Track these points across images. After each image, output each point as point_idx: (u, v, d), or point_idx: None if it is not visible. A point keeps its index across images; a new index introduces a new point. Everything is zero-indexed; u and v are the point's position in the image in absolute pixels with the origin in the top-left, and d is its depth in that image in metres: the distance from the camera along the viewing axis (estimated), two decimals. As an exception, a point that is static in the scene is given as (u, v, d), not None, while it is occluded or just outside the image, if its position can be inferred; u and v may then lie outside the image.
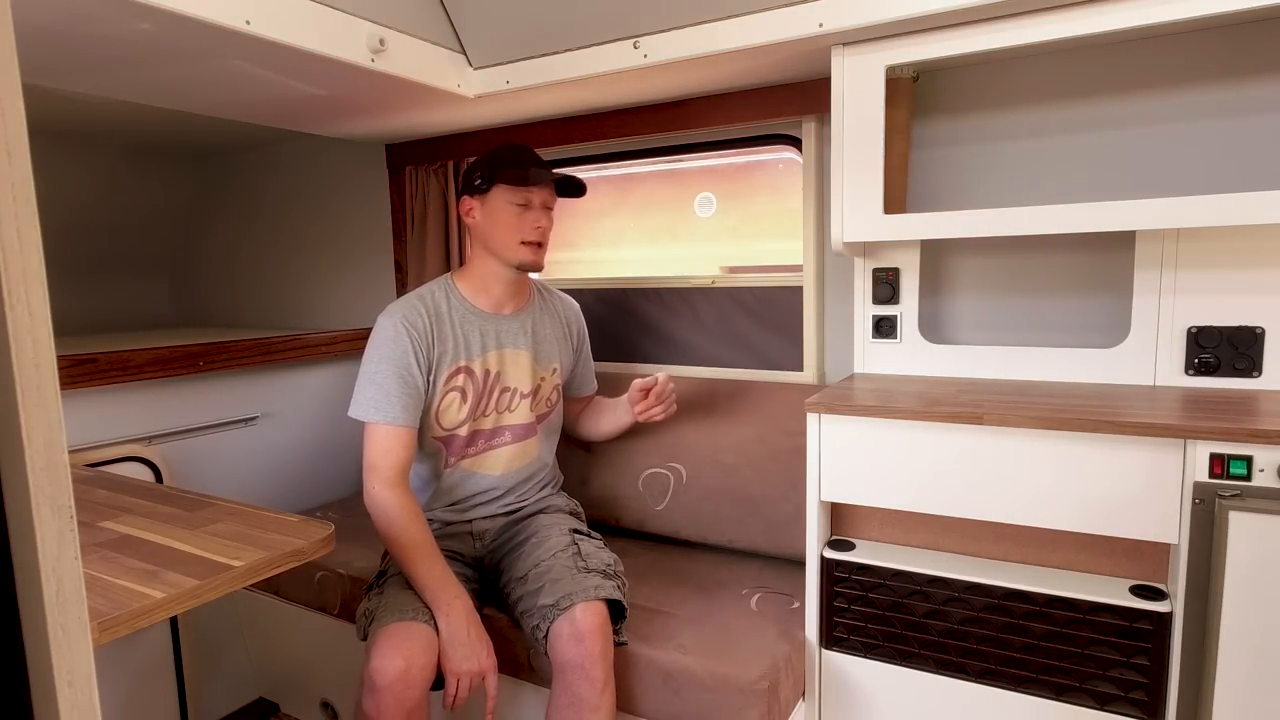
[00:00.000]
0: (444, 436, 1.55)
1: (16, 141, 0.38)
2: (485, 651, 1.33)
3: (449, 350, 1.52)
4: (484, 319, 1.57)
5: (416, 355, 1.47)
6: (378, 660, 1.25)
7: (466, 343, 1.54)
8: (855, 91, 1.46)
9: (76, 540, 0.42)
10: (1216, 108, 1.38)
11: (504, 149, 1.55)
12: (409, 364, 1.46)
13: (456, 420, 1.54)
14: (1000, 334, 1.61)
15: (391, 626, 1.29)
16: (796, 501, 1.68)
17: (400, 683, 1.24)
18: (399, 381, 1.44)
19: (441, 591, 1.34)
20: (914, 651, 1.39)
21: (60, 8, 1.19)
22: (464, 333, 1.54)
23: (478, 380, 1.55)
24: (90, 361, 1.70)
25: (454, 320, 1.54)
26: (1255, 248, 1.35)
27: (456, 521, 1.60)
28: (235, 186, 2.83)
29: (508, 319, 1.60)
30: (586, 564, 1.41)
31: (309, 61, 1.46)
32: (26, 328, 0.39)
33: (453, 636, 1.31)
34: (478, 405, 1.56)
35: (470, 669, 1.30)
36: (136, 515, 1.13)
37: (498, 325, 1.58)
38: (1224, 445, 1.11)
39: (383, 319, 1.49)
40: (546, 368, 1.66)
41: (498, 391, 1.58)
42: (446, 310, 1.54)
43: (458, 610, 1.33)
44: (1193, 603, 1.16)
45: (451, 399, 1.53)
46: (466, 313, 1.55)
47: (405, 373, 1.45)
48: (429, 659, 1.29)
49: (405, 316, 1.48)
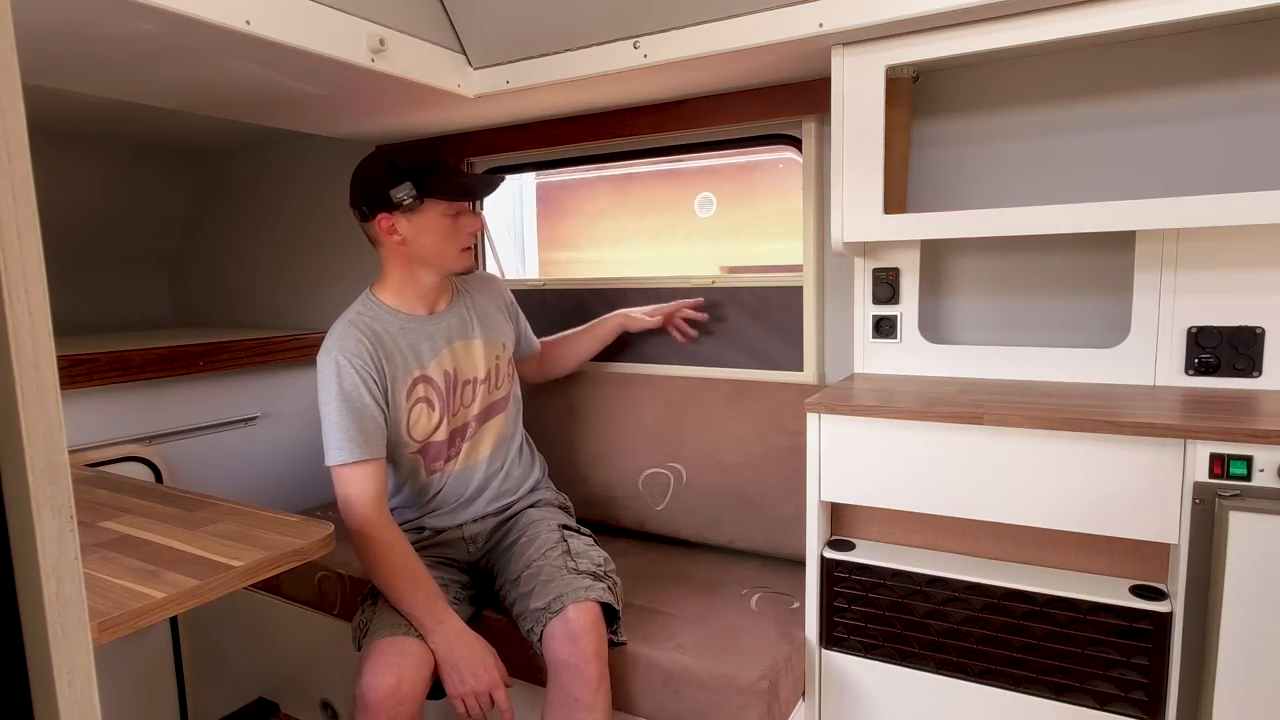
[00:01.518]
0: (420, 448, 1.52)
1: (16, 141, 0.38)
2: (483, 668, 1.31)
3: (399, 365, 1.47)
4: (422, 323, 1.52)
5: (367, 383, 1.41)
6: (369, 677, 1.24)
7: (415, 352, 1.50)
8: (855, 91, 1.46)
9: (76, 540, 0.42)
10: (1216, 108, 1.38)
11: (408, 155, 1.45)
12: (359, 395, 1.40)
13: (430, 428, 1.52)
14: (1000, 334, 1.61)
15: (383, 642, 1.29)
16: (796, 501, 1.68)
17: (391, 699, 1.23)
18: (353, 416, 1.39)
19: (426, 617, 1.31)
20: (914, 651, 1.39)
21: (60, 8, 1.19)
22: (409, 343, 1.49)
23: (439, 385, 1.52)
24: (90, 361, 1.70)
25: (394, 334, 1.48)
26: (1255, 248, 1.35)
27: (449, 528, 1.59)
28: (235, 186, 2.83)
29: (445, 315, 1.56)
30: (577, 565, 1.41)
31: (309, 61, 1.46)
32: (26, 328, 0.39)
33: (446, 659, 1.30)
34: (448, 407, 1.54)
35: (471, 689, 1.29)
36: (136, 515, 1.13)
37: (438, 324, 1.54)
38: (1224, 445, 1.11)
39: (322, 358, 1.43)
40: (497, 345, 1.64)
41: (460, 387, 1.56)
42: (382, 327, 1.48)
43: (446, 632, 1.31)
44: (1193, 603, 1.16)
45: (419, 410, 1.50)
46: (404, 323, 1.50)
47: (358, 405, 1.40)
48: (422, 674, 1.28)
49: (343, 348, 1.42)
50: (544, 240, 2.63)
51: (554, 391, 2.07)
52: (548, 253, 2.65)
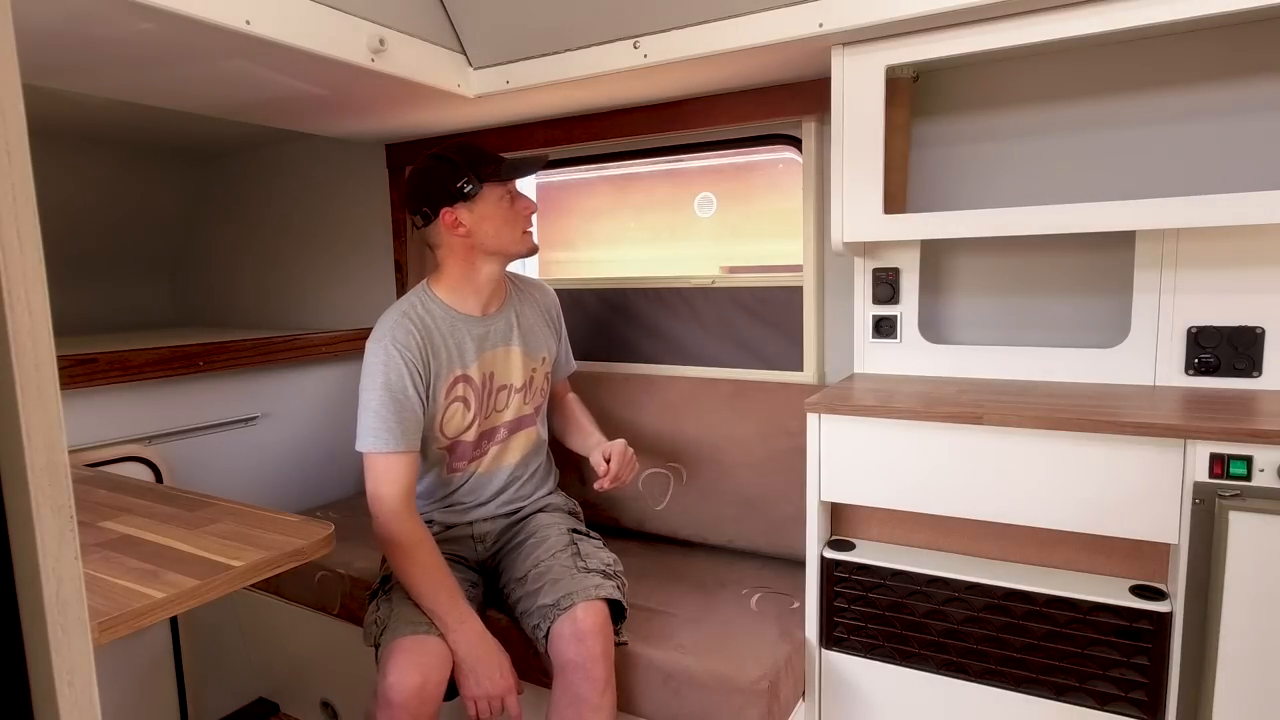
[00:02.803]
0: (449, 444, 1.54)
1: (16, 141, 0.38)
2: (500, 673, 1.31)
3: (444, 362, 1.48)
4: (471, 323, 1.53)
5: (412, 376, 1.43)
6: (394, 675, 1.24)
7: (460, 351, 1.51)
8: (855, 91, 1.46)
9: (76, 540, 0.42)
10: (1216, 108, 1.38)
11: (459, 150, 1.49)
12: (404, 387, 1.41)
13: (462, 427, 1.53)
14: (1000, 334, 1.61)
15: (406, 640, 1.28)
16: (796, 501, 1.68)
17: (416, 699, 1.23)
18: (395, 407, 1.40)
19: (449, 615, 1.32)
20: (914, 651, 1.39)
21: (60, 8, 1.19)
22: (456, 342, 1.50)
23: (477, 386, 1.54)
24: (90, 361, 1.70)
25: (443, 331, 1.49)
26: (1255, 248, 1.35)
27: (458, 524, 1.59)
28: (235, 186, 2.83)
29: (494, 318, 1.57)
30: (586, 564, 1.41)
31: (309, 61, 1.46)
32: (26, 328, 0.39)
33: (465, 660, 1.30)
34: (481, 409, 1.55)
35: (486, 692, 1.30)
36: (136, 515, 1.13)
37: (486, 326, 1.55)
38: (1224, 445, 1.11)
39: (372, 345, 1.44)
40: (536, 358, 1.64)
41: (497, 391, 1.57)
42: (434, 322, 1.49)
43: (467, 633, 1.32)
44: (1193, 603, 1.16)
45: (455, 409, 1.51)
46: (454, 320, 1.51)
47: (401, 396, 1.41)
48: (444, 674, 1.28)
49: (394, 338, 1.43)
50: (544, 240, 2.64)
51: (554, 391, 2.07)
52: (548, 253, 2.65)
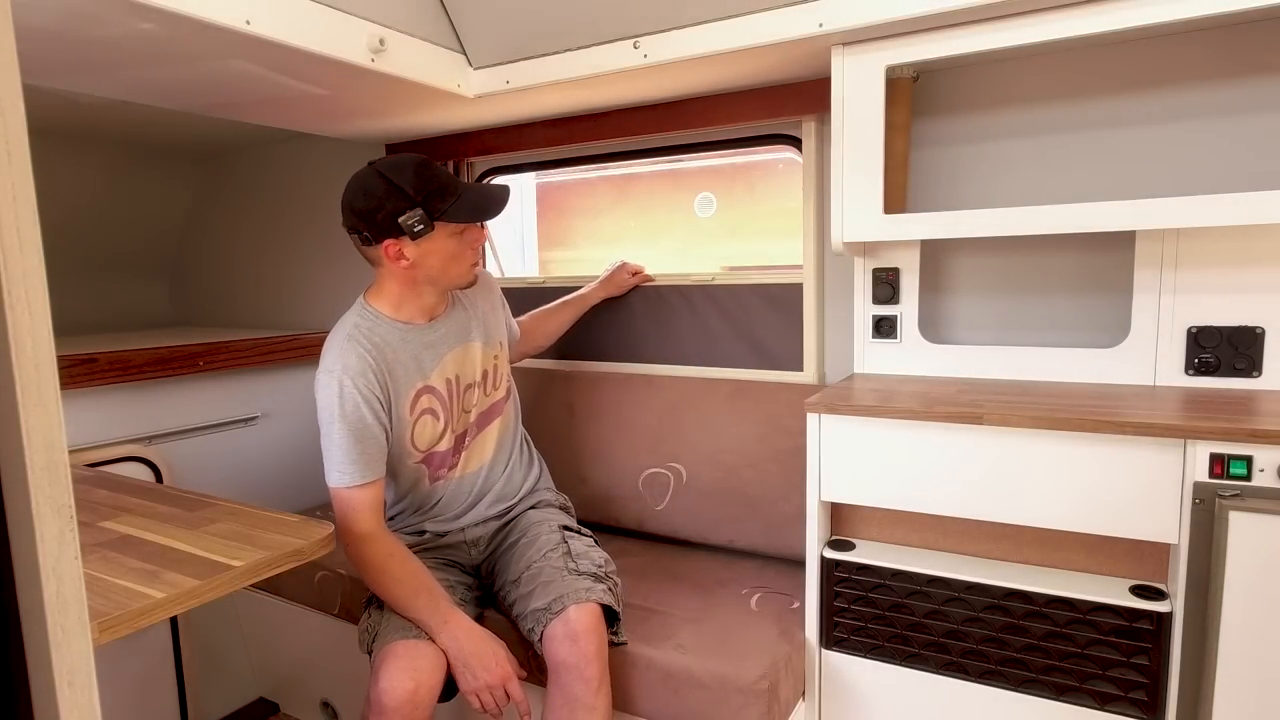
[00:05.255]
0: (424, 457, 1.50)
1: (16, 141, 0.38)
2: (495, 661, 1.30)
3: (403, 380, 1.43)
4: (421, 332, 1.47)
5: (370, 404, 1.37)
6: (386, 681, 1.23)
7: (418, 363, 1.45)
8: (855, 91, 1.46)
9: (76, 540, 0.42)
10: (1216, 108, 1.38)
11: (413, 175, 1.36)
12: (361, 417, 1.36)
13: (435, 437, 1.50)
14: (1000, 334, 1.61)
15: (397, 645, 1.28)
16: (796, 501, 1.68)
17: (409, 704, 1.23)
18: (355, 438, 1.35)
19: (431, 618, 1.31)
20: (914, 651, 1.39)
21: (60, 8, 1.19)
22: (410, 355, 1.45)
23: (442, 394, 1.50)
24: (90, 361, 1.70)
25: (395, 347, 1.43)
26: (1255, 248, 1.35)
27: (450, 531, 1.58)
28: (235, 187, 2.83)
29: (443, 319, 1.51)
30: (577, 566, 1.40)
31: (309, 61, 1.46)
32: (26, 328, 0.39)
33: (457, 657, 1.29)
34: (452, 416, 1.52)
35: (484, 683, 1.29)
36: (136, 515, 1.13)
37: (438, 331, 1.50)
38: (1224, 445, 1.11)
39: (322, 376, 1.37)
40: (495, 344, 1.61)
41: (463, 392, 1.54)
42: (383, 340, 1.42)
43: (454, 630, 1.31)
44: (1193, 603, 1.16)
45: (424, 421, 1.48)
46: (404, 333, 1.45)
47: (359, 426, 1.36)
48: (437, 678, 1.28)
49: (345, 366, 1.36)
50: (544, 240, 2.64)
51: (554, 391, 2.07)
52: (547, 252, 2.65)
